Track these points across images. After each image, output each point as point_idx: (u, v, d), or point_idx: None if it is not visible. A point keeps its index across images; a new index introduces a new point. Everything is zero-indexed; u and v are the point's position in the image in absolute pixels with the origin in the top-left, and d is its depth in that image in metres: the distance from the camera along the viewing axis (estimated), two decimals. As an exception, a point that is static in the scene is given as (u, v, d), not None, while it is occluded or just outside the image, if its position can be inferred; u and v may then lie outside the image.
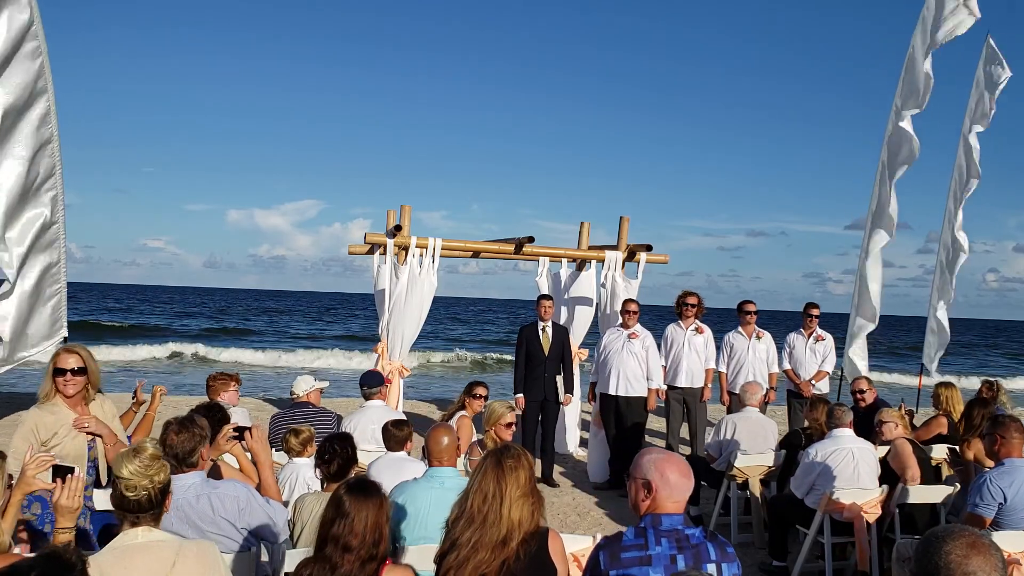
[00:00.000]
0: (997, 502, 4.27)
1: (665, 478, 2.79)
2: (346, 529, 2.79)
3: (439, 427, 4.22)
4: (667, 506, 2.79)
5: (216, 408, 4.58)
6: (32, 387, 14.14)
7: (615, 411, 8.04)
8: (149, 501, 2.75)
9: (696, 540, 2.74)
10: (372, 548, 2.81)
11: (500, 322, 56.97)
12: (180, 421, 3.55)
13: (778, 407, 10.85)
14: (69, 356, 4.37)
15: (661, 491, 2.79)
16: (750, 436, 6.64)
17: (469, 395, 6.70)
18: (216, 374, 6.24)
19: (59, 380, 4.33)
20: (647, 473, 2.83)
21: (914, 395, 10.84)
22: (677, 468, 2.82)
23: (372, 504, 2.86)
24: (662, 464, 2.83)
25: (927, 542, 1.82)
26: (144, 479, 2.74)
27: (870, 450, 5.56)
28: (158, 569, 2.65)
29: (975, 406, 6.11)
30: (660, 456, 2.89)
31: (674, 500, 2.80)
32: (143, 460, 2.76)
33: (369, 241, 8.49)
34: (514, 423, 5.49)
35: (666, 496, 2.79)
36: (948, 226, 10.38)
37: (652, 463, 2.85)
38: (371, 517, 2.83)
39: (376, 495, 2.90)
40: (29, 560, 2.24)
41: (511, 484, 2.95)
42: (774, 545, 5.76)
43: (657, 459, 2.87)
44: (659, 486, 2.80)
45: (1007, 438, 4.40)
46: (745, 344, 8.55)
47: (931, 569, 1.75)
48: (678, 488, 2.80)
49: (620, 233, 9.53)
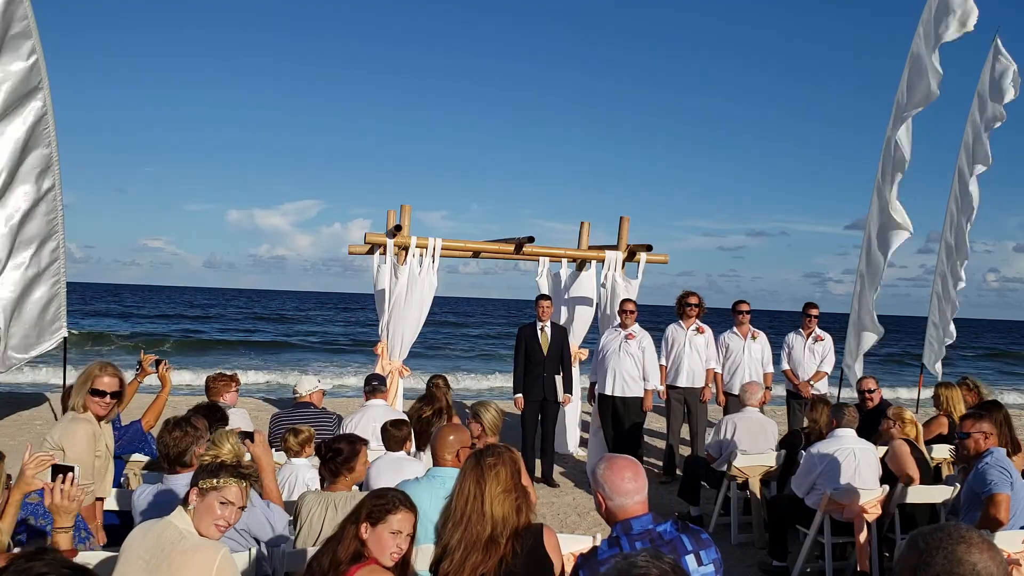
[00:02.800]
0: (1009, 480, 4.35)
1: (615, 485, 2.78)
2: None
3: (447, 427, 4.21)
4: (632, 507, 2.78)
5: (215, 409, 4.59)
6: (33, 386, 14.15)
7: (612, 411, 8.05)
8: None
9: (669, 536, 2.73)
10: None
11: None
12: (176, 421, 3.54)
13: (777, 407, 10.85)
14: (108, 378, 4.18)
15: (617, 498, 2.78)
16: (750, 436, 6.64)
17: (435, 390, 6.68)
18: (216, 375, 6.18)
19: (94, 399, 4.14)
20: (599, 485, 2.83)
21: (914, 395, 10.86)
22: (624, 471, 2.80)
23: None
24: (608, 473, 2.81)
25: (930, 538, 1.82)
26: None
27: (871, 450, 5.56)
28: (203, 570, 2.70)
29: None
30: (605, 464, 2.87)
31: (634, 502, 2.78)
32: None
33: (369, 241, 8.48)
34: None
35: (624, 501, 2.78)
36: (950, 229, 10.44)
37: (600, 474, 2.83)
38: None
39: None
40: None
41: (491, 482, 2.98)
42: (774, 545, 5.75)
43: (604, 469, 2.84)
44: (613, 494, 2.79)
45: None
46: (740, 344, 8.55)
47: (936, 565, 1.75)
48: (631, 490, 2.78)
49: (620, 233, 9.53)
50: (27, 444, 3.61)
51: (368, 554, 2.88)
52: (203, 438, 3.54)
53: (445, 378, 7.07)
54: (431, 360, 25.94)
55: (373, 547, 2.89)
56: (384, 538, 2.88)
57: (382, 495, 2.99)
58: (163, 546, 2.83)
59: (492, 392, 18.76)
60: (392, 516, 2.90)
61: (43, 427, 10.09)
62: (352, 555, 2.87)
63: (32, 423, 10.40)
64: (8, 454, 3.47)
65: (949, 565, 1.72)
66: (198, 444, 3.49)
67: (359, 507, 2.99)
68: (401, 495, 3.00)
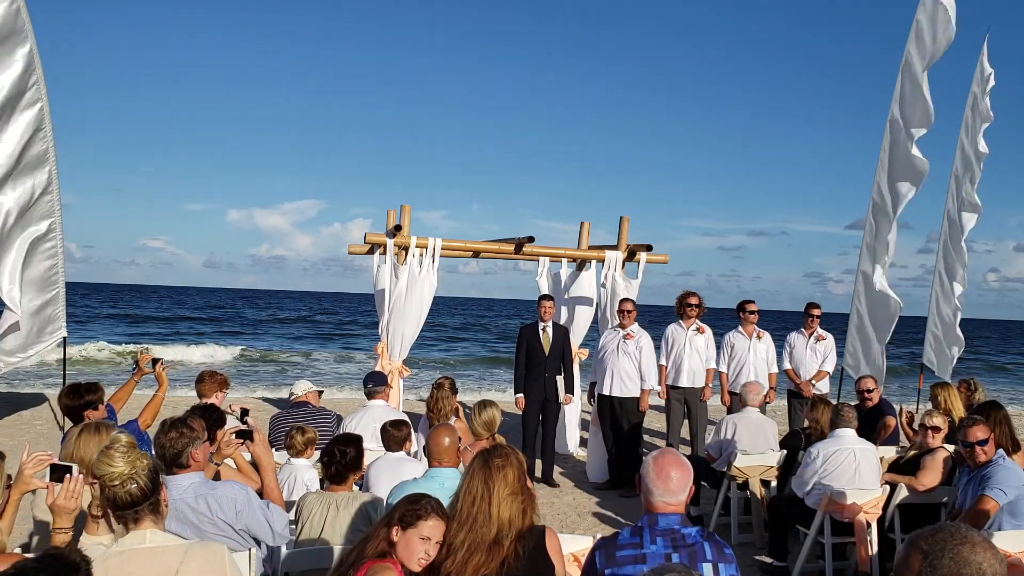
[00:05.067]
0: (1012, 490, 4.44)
1: (656, 476, 2.81)
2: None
3: (441, 427, 4.22)
4: (662, 505, 2.80)
5: (212, 409, 4.58)
6: (31, 387, 14.13)
7: (611, 411, 8.04)
8: (141, 492, 2.66)
9: (692, 540, 2.73)
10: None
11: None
12: (173, 421, 3.53)
13: (778, 407, 10.85)
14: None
15: (653, 490, 2.81)
16: (750, 436, 6.63)
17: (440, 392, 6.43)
18: (204, 375, 5.97)
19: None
20: (644, 472, 2.86)
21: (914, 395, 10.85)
22: (672, 468, 2.82)
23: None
24: (656, 464, 2.84)
25: (933, 540, 1.82)
26: (126, 466, 2.65)
27: (872, 450, 5.55)
28: (161, 574, 2.62)
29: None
30: (655, 455, 2.91)
31: (666, 499, 2.79)
32: (118, 450, 2.68)
33: (369, 241, 8.48)
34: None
35: (658, 495, 2.79)
36: (947, 232, 10.46)
37: (649, 462, 2.87)
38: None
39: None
40: (34, 561, 2.22)
41: (499, 483, 2.97)
42: (774, 545, 5.75)
43: (654, 459, 2.88)
44: (651, 485, 2.81)
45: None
46: (746, 344, 8.54)
47: (943, 568, 1.74)
48: (670, 488, 2.79)
49: (620, 233, 9.52)
50: (26, 443, 3.60)
51: (395, 556, 2.89)
52: (200, 439, 3.52)
53: (452, 381, 6.61)
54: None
55: (401, 551, 2.90)
56: (413, 543, 2.90)
57: (416, 500, 2.99)
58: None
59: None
60: (423, 522, 2.91)
61: (43, 427, 10.09)
62: (379, 555, 2.88)
63: (32, 423, 10.41)
64: (8, 454, 3.47)
65: (956, 566, 1.72)
66: (194, 445, 3.48)
67: (393, 510, 3.01)
68: (435, 502, 2.99)
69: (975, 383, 7.59)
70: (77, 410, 4.98)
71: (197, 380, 5.92)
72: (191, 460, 3.45)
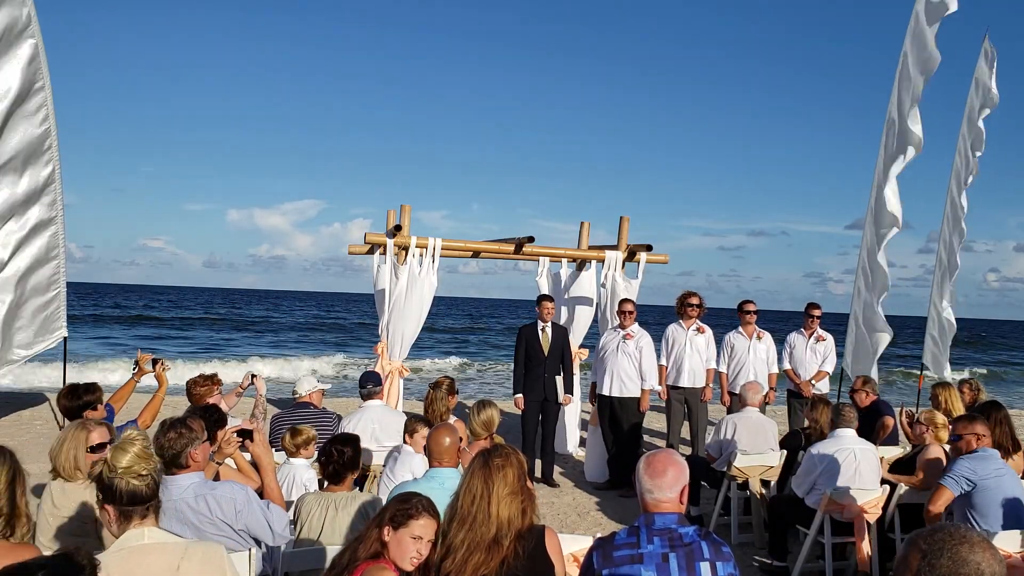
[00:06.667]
0: (967, 482, 4.53)
1: (648, 475, 2.81)
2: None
3: (441, 427, 4.22)
4: (657, 504, 2.80)
5: (212, 410, 4.58)
6: (31, 386, 14.14)
7: (610, 411, 8.05)
8: (152, 489, 2.72)
9: (689, 539, 2.73)
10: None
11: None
12: (172, 422, 3.53)
13: (778, 407, 10.84)
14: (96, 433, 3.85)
15: (647, 488, 2.81)
16: (750, 436, 6.63)
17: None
18: (197, 378, 5.90)
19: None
20: (638, 472, 2.87)
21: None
22: (666, 467, 2.82)
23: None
24: (649, 464, 2.85)
25: (932, 539, 1.82)
26: (151, 463, 2.72)
27: (872, 450, 5.55)
28: (162, 571, 2.63)
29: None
30: (648, 455, 2.91)
31: (658, 497, 2.80)
32: (138, 447, 2.73)
33: (369, 241, 8.48)
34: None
35: (652, 493, 2.80)
36: (947, 227, 10.45)
37: (644, 461, 2.87)
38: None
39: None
40: (40, 560, 2.24)
41: (499, 483, 2.97)
42: (774, 545, 5.75)
43: (648, 459, 2.88)
44: (644, 483, 2.82)
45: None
46: (746, 344, 8.55)
47: (941, 567, 1.75)
48: (662, 484, 2.79)
49: (620, 233, 9.52)
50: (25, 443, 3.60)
51: (388, 556, 2.88)
52: (199, 439, 3.52)
53: (452, 381, 6.47)
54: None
55: (394, 551, 2.89)
56: (405, 543, 2.89)
57: (406, 499, 2.98)
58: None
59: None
60: (414, 521, 2.90)
61: (43, 427, 10.09)
62: (371, 556, 2.87)
63: (32, 423, 10.41)
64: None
65: (954, 566, 1.72)
66: (193, 446, 3.48)
67: (384, 510, 3.00)
68: (426, 501, 2.99)
69: (977, 384, 7.59)
70: (76, 410, 4.98)
71: (189, 388, 5.81)
72: (190, 460, 3.45)
